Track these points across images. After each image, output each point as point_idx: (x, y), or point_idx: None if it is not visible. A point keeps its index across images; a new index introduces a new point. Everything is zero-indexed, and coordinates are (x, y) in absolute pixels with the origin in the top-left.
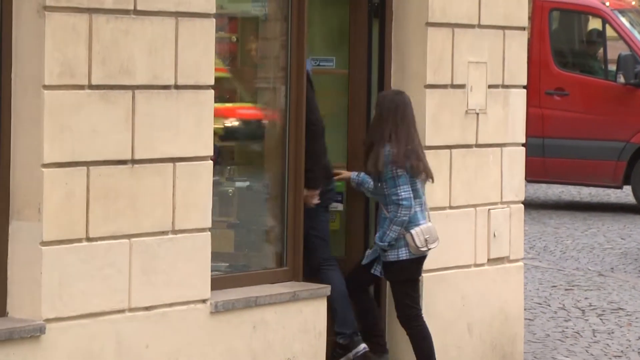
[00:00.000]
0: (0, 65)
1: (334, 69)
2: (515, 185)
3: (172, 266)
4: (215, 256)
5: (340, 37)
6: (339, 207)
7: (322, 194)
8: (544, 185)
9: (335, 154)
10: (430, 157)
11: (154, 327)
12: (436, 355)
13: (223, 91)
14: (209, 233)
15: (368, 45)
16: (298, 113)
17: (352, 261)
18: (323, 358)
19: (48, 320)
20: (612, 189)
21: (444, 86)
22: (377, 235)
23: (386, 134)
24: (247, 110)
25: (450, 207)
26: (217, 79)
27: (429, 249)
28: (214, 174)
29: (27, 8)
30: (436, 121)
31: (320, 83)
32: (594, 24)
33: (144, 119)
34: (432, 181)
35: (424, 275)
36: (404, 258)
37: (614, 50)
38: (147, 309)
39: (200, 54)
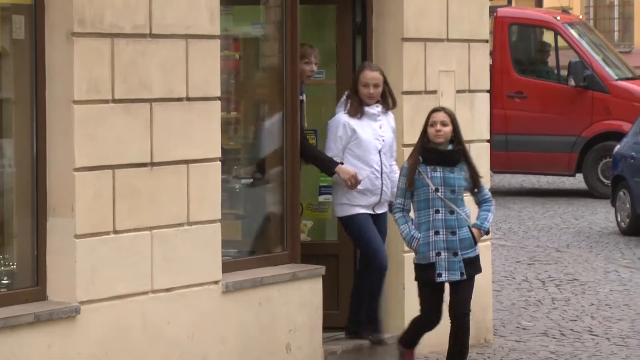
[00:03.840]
0: (36, 84)
1: (324, 80)
2: (482, 174)
3: (188, 253)
4: (225, 243)
5: (329, 53)
6: (330, 198)
7: None
8: (508, 175)
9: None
10: (408, 153)
11: (174, 306)
12: None
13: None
14: (219, 224)
15: (352, 59)
16: (293, 119)
17: (344, 244)
18: (320, 328)
19: (82, 303)
20: (566, 177)
21: (419, 92)
22: (478, 222)
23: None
24: None
25: None
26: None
27: None
28: (222, 173)
29: (58, 34)
30: (412, 123)
31: (313, 93)
32: (548, 35)
33: (161, 127)
34: None
35: (405, 255)
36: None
37: (565, 57)
38: (167, 290)
39: (207, 71)
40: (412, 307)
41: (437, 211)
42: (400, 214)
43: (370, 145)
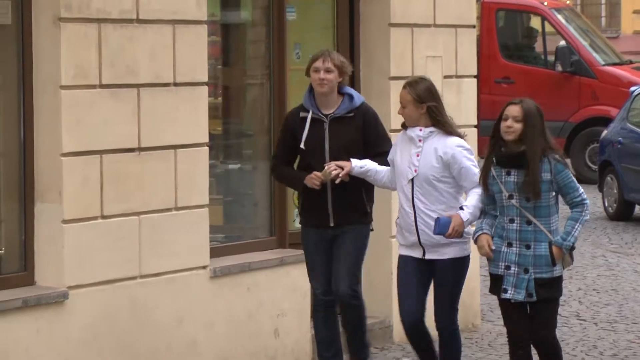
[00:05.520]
0: (23, 69)
1: None
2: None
3: (176, 238)
4: (213, 229)
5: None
6: None
7: None
8: None
9: None
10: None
11: (162, 291)
12: None
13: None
14: (207, 209)
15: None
16: (280, 104)
17: None
18: (308, 314)
19: (70, 288)
20: None
21: (406, 78)
22: (559, 238)
23: (546, 143)
24: None
25: None
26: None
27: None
28: (210, 158)
29: (45, 19)
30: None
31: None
32: (535, 21)
33: (148, 113)
34: None
35: (392, 240)
36: (562, 272)
37: (552, 43)
38: (155, 275)
39: (194, 56)
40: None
41: (511, 220)
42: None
43: (402, 171)
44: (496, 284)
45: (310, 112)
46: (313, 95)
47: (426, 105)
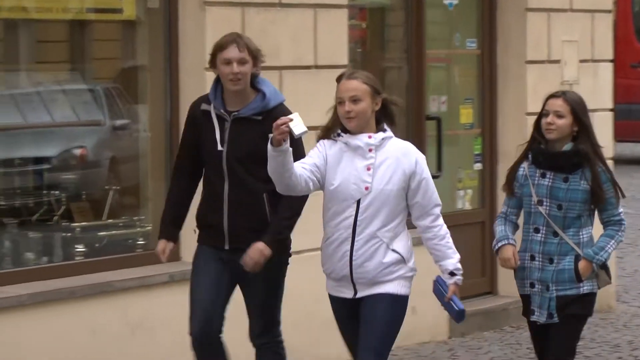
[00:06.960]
0: (169, 51)
1: (475, 49)
2: (605, 144)
3: (309, 217)
4: None
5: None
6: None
7: None
8: (631, 144)
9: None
10: (531, 122)
11: (299, 269)
12: None
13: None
14: None
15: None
16: (418, 88)
17: (489, 212)
18: None
19: None
20: None
21: (542, 62)
22: (590, 251)
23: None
24: None
25: None
26: None
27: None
28: None
29: (191, 3)
30: (536, 91)
31: (466, 61)
32: None
33: (290, 94)
34: None
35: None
36: (596, 290)
37: None
38: (297, 252)
39: (335, 39)
40: None
41: (536, 230)
42: (499, 219)
43: (345, 190)
44: (524, 303)
45: (212, 106)
46: (221, 86)
47: (382, 98)
